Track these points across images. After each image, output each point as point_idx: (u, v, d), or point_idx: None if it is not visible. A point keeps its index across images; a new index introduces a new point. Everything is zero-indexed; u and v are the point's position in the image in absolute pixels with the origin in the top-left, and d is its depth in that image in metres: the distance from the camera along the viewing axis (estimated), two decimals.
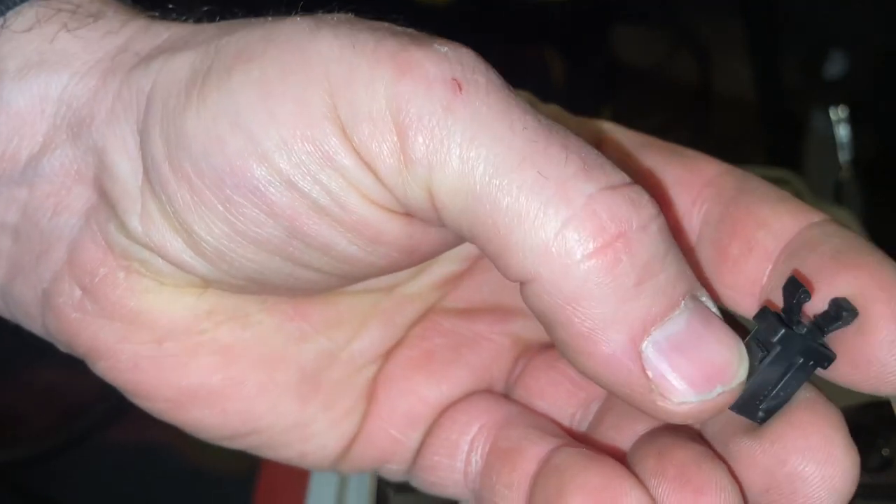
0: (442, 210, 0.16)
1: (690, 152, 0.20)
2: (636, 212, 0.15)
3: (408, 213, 0.17)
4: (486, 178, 0.15)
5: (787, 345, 0.16)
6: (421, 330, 0.21)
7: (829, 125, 0.53)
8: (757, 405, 0.17)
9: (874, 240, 0.44)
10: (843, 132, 0.48)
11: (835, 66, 0.99)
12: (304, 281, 0.18)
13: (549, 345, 0.21)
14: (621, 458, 0.18)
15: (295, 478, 0.38)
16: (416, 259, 0.18)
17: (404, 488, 0.32)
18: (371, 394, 0.21)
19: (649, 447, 0.18)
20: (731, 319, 0.17)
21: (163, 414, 0.20)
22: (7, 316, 0.21)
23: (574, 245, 0.15)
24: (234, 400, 0.20)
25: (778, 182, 0.50)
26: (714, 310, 0.16)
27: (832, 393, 0.35)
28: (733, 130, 1.20)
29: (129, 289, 0.18)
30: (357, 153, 0.16)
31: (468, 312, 0.21)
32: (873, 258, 0.17)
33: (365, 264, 0.18)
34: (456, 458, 0.20)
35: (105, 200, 0.18)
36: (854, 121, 0.48)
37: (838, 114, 0.48)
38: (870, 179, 0.92)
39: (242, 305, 0.19)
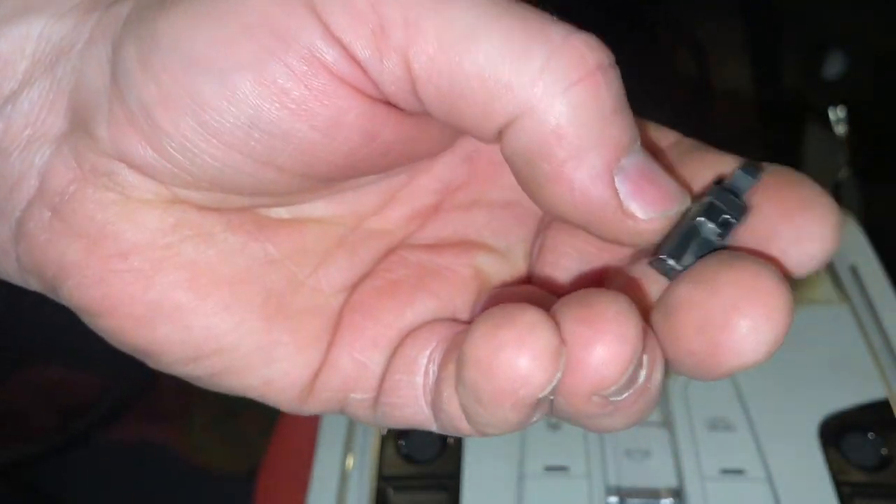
0: (419, 79, 0.16)
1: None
2: (605, 51, 0.17)
3: (377, 94, 0.17)
4: (469, 30, 0.16)
5: (718, 198, 0.18)
6: (387, 263, 0.21)
7: (828, 125, 0.53)
8: (671, 261, 0.18)
9: (873, 239, 0.44)
10: (841, 132, 0.48)
11: (834, 66, 0.99)
12: (266, 183, 0.18)
13: (511, 282, 0.21)
14: None
15: (296, 477, 0.38)
16: (375, 152, 0.18)
17: (404, 488, 0.32)
18: (337, 323, 0.20)
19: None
20: None
21: (128, 333, 0.19)
22: None
23: (560, 75, 0.16)
24: (197, 315, 0.19)
25: None
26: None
27: (830, 395, 0.35)
28: (732, 130, 1.21)
29: (97, 203, 0.18)
30: (326, 28, 0.16)
31: (433, 247, 0.22)
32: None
33: (325, 156, 0.18)
34: (415, 374, 0.20)
35: (76, 121, 0.18)
36: (853, 121, 0.49)
37: (837, 114, 0.48)
38: (868, 179, 0.92)
39: (207, 223, 0.19)
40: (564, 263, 0.20)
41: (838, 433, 0.34)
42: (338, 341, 0.20)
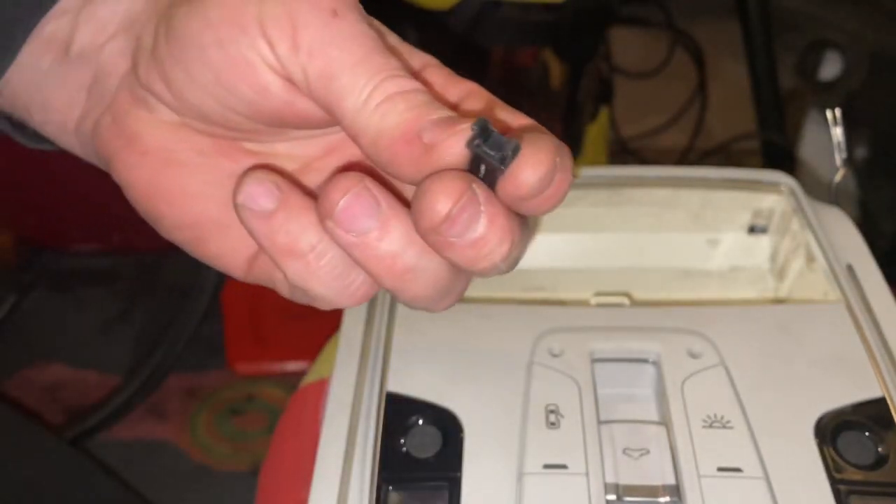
0: (310, 82, 0.27)
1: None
2: (415, 82, 0.27)
3: (289, 79, 0.27)
4: (336, 69, 0.26)
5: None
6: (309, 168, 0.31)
7: (825, 126, 0.53)
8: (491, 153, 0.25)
9: (869, 240, 0.45)
10: (838, 133, 0.48)
11: (830, 67, 0.99)
12: (229, 121, 0.29)
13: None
14: None
15: (297, 475, 0.39)
16: (298, 114, 0.28)
17: (405, 486, 0.32)
18: None
19: None
20: None
21: (142, 203, 0.30)
22: (79, 151, 0.32)
23: (372, 103, 0.26)
24: (182, 198, 0.30)
25: (773, 184, 0.49)
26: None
27: (827, 393, 0.35)
28: (729, 131, 1.21)
29: (135, 117, 0.29)
30: (265, 37, 0.27)
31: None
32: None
33: (262, 109, 0.28)
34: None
35: (133, 66, 0.29)
36: (849, 122, 0.49)
37: (833, 115, 0.48)
38: (865, 180, 0.93)
39: (200, 142, 0.30)
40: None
41: (834, 431, 0.34)
42: None
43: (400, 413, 0.35)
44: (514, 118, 0.29)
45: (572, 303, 0.44)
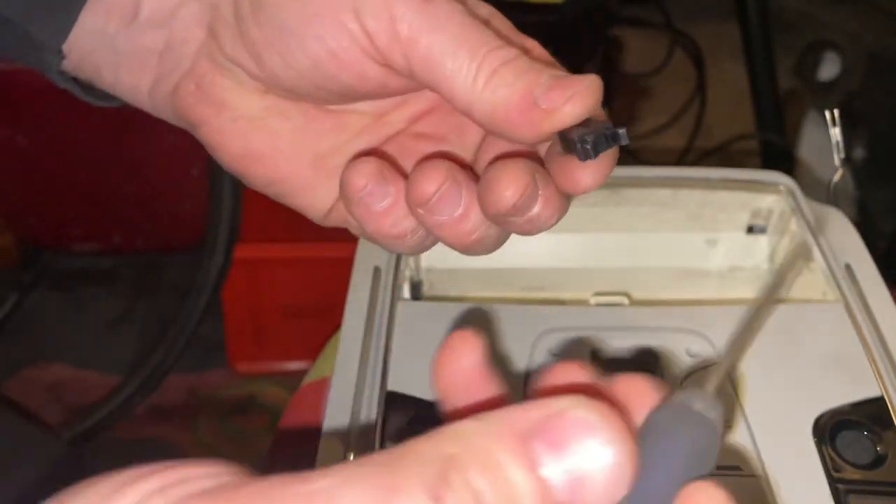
0: (413, 68, 0.28)
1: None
2: (512, 49, 0.28)
3: (388, 65, 0.29)
4: (441, 54, 0.28)
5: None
6: (390, 141, 0.33)
7: (823, 127, 0.53)
8: (579, 145, 0.28)
9: (868, 240, 0.45)
10: (836, 133, 0.49)
11: (829, 68, 0.99)
12: (320, 97, 0.31)
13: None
14: None
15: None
16: (387, 93, 0.31)
17: None
18: None
19: None
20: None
21: (232, 164, 0.32)
22: (151, 110, 0.33)
23: (481, 80, 0.28)
24: (273, 159, 0.32)
25: (771, 184, 0.50)
26: (563, 73, 0.29)
27: (825, 393, 0.35)
28: (728, 132, 1.21)
29: (222, 87, 0.31)
30: (365, 30, 0.28)
31: (422, 136, 0.33)
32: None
33: (354, 89, 0.30)
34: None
35: (212, 36, 0.31)
36: (848, 122, 0.49)
37: (832, 115, 0.48)
38: (864, 181, 0.93)
39: (286, 107, 0.32)
40: (486, 157, 0.32)
41: (833, 430, 0.34)
42: None
43: (400, 412, 0.35)
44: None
45: (572, 302, 0.44)
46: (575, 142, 0.27)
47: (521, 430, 0.18)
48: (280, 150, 0.32)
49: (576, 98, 0.28)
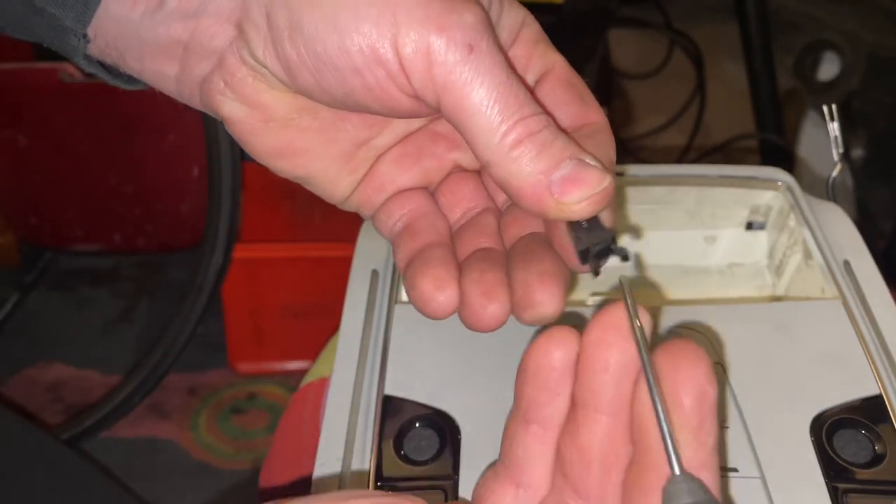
0: (443, 109, 0.29)
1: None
2: (542, 118, 0.30)
3: (420, 99, 0.29)
4: (473, 107, 0.29)
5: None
6: (409, 139, 0.35)
7: (823, 127, 0.53)
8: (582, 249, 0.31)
9: (866, 236, 0.44)
10: (835, 128, 0.48)
11: (828, 68, 0.99)
12: (350, 109, 0.32)
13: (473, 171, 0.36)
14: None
15: (298, 474, 0.39)
16: (414, 117, 0.33)
17: (402, 488, 0.32)
18: (369, 169, 0.35)
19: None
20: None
21: (264, 158, 0.33)
22: (177, 96, 0.34)
23: (506, 144, 0.29)
24: (303, 157, 0.33)
25: (770, 180, 0.49)
26: (591, 162, 0.30)
27: (823, 391, 0.35)
28: (728, 131, 1.21)
29: (253, 88, 0.31)
30: (403, 70, 0.29)
31: (439, 136, 0.35)
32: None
33: (385, 115, 0.31)
34: (392, 218, 0.35)
35: (243, 36, 0.31)
36: (847, 122, 0.49)
37: (830, 110, 0.48)
38: (863, 180, 0.93)
39: (316, 107, 0.32)
40: None
41: (831, 429, 0.34)
42: (366, 180, 0.35)
43: (397, 416, 0.35)
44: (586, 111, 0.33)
45: (569, 302, 0.44)
46: (579, 244, 0.31)
47: None
48: (309, 147, 0.33)
49: (590, 201, 0.29)
